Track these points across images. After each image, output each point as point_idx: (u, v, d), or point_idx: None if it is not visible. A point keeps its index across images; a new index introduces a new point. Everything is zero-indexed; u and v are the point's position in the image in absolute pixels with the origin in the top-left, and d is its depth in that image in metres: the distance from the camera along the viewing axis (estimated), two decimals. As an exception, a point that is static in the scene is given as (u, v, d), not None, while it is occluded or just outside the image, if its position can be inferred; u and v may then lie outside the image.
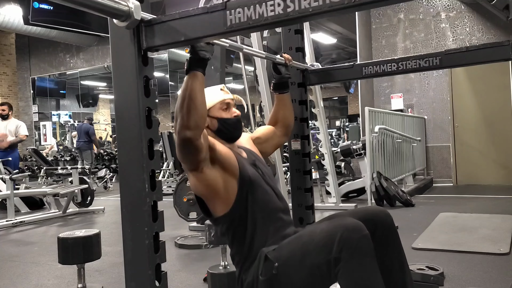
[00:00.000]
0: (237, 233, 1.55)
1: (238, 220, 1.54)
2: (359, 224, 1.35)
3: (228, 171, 1.52)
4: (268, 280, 1.44)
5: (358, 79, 6.83)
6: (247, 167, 1.58)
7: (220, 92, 1.65)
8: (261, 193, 1.57)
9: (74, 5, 1.03)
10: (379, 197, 4.96)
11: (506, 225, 3.73)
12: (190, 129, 1.34)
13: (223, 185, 1.51)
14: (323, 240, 1.35)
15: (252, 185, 1.55)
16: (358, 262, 1.30)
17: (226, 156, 1.53)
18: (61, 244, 2.08)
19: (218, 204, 1.54)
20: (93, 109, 15.89)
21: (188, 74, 1.33)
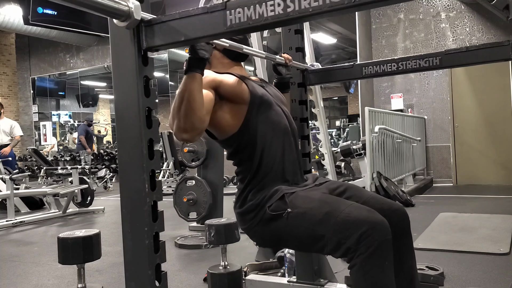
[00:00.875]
0: (245, 153, 1.55)
1: (247, 139, 1.54)
2: (386, 225, 1.32)
3: (237, 98, 1.53)
4: (273, 216, 1.45)
5: (358, 79, 6.83)
6: (257, 88, 1.59)
7: None
8: (272, 114, 1.58)
9: (74, 5, 1.03)
10: (379, 197, 4.95)
11: (506, 225, 3.73)
12: (187, 131, 1.35)
13: (230, 115, 1.52)
14: (347, 224, 1.33)
15: (263, 105, 1.56)
16: (376, 263, 1.28)
17: (234, 85, 1.54)
18: (61, 244, 2.08)
19: (225, 129, 1.55)
20: (93, 109, 15.88)
21: (187, 75, 1.33)
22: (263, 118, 1.55)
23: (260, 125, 1.54)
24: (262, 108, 1.55)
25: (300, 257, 2.11)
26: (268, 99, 1.60)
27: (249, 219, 1.53)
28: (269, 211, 1.46)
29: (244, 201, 1.55)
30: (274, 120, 1.58)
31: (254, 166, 1.54)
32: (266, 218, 1.47)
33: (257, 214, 1.50)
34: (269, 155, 1.54)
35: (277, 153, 1.56)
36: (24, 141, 12.36)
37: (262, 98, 1.56)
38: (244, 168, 1.57)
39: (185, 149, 4.25)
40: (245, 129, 1.53)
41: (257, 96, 1.55)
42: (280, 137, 1.58)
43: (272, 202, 1.47)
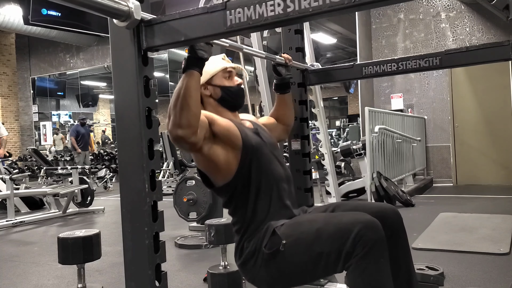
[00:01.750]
0: (240, 201, 1.54)
1: (241, 187, 1.53)
2: (378, 224, 1.33)
3: (230, 143, 1.52)
4: (272, 255, 1.43)
5: (358, 79, 6.83)
6: (250, 135, 1.57)
7: (222, 61, 1.65)
8: (264, 161, 1.56)
9: (74, 5, 1.03)
10: (379, 197, 4.96)
11: (506, 225, 3.73)
12: (182, 127, 1.33)
13: (224, 157, 1.51)
14: (339, 231, 1.33)
15: (255, 153, 1.55)
16: (371, 261, 1.29)
17: (227, 128, 1.52)
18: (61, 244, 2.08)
19: (220, 174, 1.53)
20: (93, 109, 15.89)
21: (185, 73, 1.33)
22: (256, 166, 1.54)
23: (254, 173, 1.53)
24: (255, 156, 1.54)
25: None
26: (261, 147, 1.58)
27: (250, 267, 1.51)
28: (266, 250, 1.45)
29: (242, 251, 1.54)
30: (268, 168, 1.57)
31: (248, 216, 1.53)
32: (266, 259, 1.45)
33: (257, 259, 1.48)
34: (263, 204, 1.53)
35: (272, 202, 1.54)
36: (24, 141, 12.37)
37: (254, 147, 1.55)
38: (239, 218, 1.56)
39: (185, 149, 4.24)
40: (239, 177, 1.52)
41: (249, 144, 1.54)
42: (274, 185, 1.56)
43: (266, 242, 1.46)
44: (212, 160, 1.50)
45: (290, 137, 2.19)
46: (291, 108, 1.97)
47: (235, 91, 1.64)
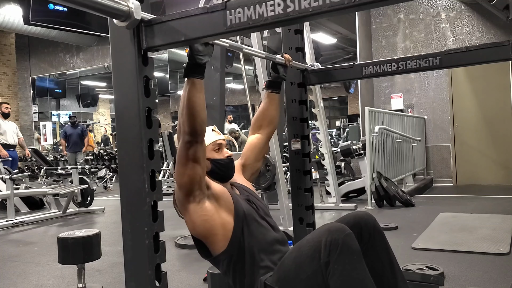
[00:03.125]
0: (238, 269, 1.56)
1: (237, 255, 1.55)
2: (341, 225, 1.38)
3: (224, 207, 1.54)
4: None
5: (358, 79, 6.83)
6: (241, 202, 1.60)
7: (212, 133, 1.67)
8: (257, 227, 1.59)
9: (74, 5, 1.03)
10: (379, 197, 4.96)
11: (506, 225, 3.73)
12: (191, 135, 1.38)
13: (219, 221, 1.53)
14: (311, 249, 1.37)
15: (247, 220, 1.57)
16: (345, 260, 1.31)
17: (220, 193, 1.56)
18: (61, 244, 2.08)
19: (216, 241, 1.54)
20: (93, 109, 15.89)
21: (186, 80, 1.35)
22: (248, 232, 1.56)
23: (247, 239, 1.55)
24: (247, 222, 1.56)
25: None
26: (252, 213, 1.60)
27: None
28: None
29: None
30: (260, 233, 1.59)
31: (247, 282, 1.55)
32: None
33: None
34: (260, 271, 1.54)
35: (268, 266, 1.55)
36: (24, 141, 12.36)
37: (245, 213, 1.57)
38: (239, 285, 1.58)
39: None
40: (234, 244, 1.54)
41: (240, 210, 1.56)
42: (268, 248, 1.58)
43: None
44: (208, 220, 1.51)
45: (290, 137, 2.19)
46: (278, 109, 1.97)
47: (225, 164, 1.66)
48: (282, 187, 4.02)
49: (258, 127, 1.93)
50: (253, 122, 1.97)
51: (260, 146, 1.90)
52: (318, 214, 4.65)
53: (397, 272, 1.57)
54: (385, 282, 1.52)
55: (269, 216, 1.71)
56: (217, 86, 4.04)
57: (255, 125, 1.94)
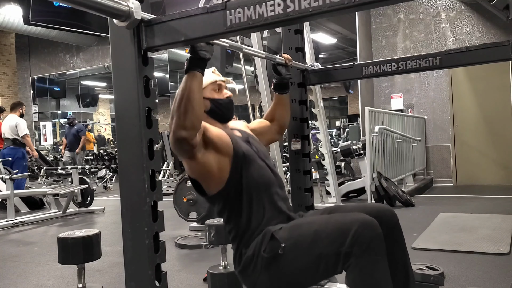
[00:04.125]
0: (233, 209, 1.55)
1: (234, 195, 1.54)
2: (375, 222, 1.34)
3: (221, 151, 1.53)
4: (271, 258, 1.44)
5: (358, 79, 6.83)
6: (240, 144, 1.59)
7: (212, 74, 1.66)
8: (255, 168, 1.58)
9: (74, 5, 1.03)
10: (379, 197, 4.96)
11: (506, 225, 3.73)
12: (186, 129, 1.34)
13: (216, 166, 1.51)
14: (337, 232, 1.34)
15: (246, 160, 1.56)
16: (369, 260, 1.30)
17: (218, 137, 1.54)
18: (61, 244, 2.08)
19: (212, 182, 1.54)
20: (93, 109, 15.90)
21: (187, 74, 1.34)
22: (247, 173, 1.55)
23: (245, 180, 1.54)
24: (245, 163, 1.55)
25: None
26: (251, 155, 1.59)
27: (250, 272, 1.51)
28: (265, 255, 1.45)
29: (240, 258, 1.54)
30: (259, 175, 1.58)
31: (243, 223, 1.53)
32: (265, 264, 1.45)
33: (256, 264, 1.48)
34: (257, 211, 1.53)
35: (265, 208, 1.55)
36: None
37: (244, 154, 1.56)
38: (234, 226, 1.56)
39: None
40: (231, 184, 1.53)
41: (240, 152, 1.55)
42: (266, 191, 1.58)
43: (265, 246, 1.46)
44: (205, 167, 1.50)
45: (290, 137, 2.19)
46: (288, 109, 1.97)
47: (224, 104, 1.65)
48: (282, 187, 4.02)
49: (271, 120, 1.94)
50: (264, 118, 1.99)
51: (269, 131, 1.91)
52: (318, 214, 4.65)
53: (410, 273, 1.56)
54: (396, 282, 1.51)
55: (268, 159, 1.70)
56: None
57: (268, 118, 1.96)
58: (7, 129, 6.34)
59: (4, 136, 6.37)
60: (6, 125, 6.37)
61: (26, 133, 6.42)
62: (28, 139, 6.50)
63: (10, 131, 6.33)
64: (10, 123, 6.36)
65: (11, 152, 6.39)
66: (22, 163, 6.47)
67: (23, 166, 6.48)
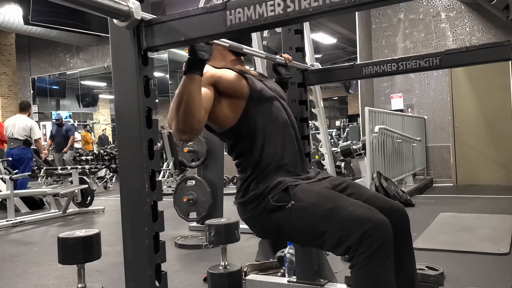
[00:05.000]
0: (246, 143, 1.56)
1: (247, 130, 1.55)
2: (388, 226, 1.32)
3: (236, 95, 1.54)
4: (276, 208, 1.46)
5: (358, 79, 6.83)
6: (256, 83, 1.60)
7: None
8: (271, 107, 1.59)
9: (74, 5, 1.03)
10: (379, 197, 4.95)
11: (506, 225, 3.73)
12: (186, 133, 1.36)
13: (230, 108, 1.53)
14: (350, 222, 1.33)
15: (261, 98, 1.57)
16: (377, 263, 1.29)
17: (233, 82, 1.54)
18: (61, 244, 2.08)
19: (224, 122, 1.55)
20: (93, 109, 15.90)
21: (186, 76, 1.33)
22: (261, 111, 1.56)
23: (259, 117, 1.55)
24: (261, 102, 1.56)
25: (300, 256, 2.11)
26: (267, 93, 1.60)
27: (251, 208, 1.53)
28: (272, 201, 1.46)
29: (246, 191, 1.55)
30: (273, 113, 1.59)
31: (255, 157, 1.54)
32: (268, 209, 1.47)
33: (259, 204, 1.50)
34: (270, 147, 1.55)
35: (278, 145, 1.56)
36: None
37: (260, 92, 1.57)
38: (245, 159, 1.57)
39: (185, 149, 4.25)
40: (244, 121, 1.54)
41: (256, 91, 1.56)
42: (280, 130, 1.59)
43: (275, 193, 1.47)
44: (216, 114, 1.52)
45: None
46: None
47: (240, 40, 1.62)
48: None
49: None
50: None
51: None
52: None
53: (414, 276, 1.55)
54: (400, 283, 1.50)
55: (283, 99, 1.71)
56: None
57: None
58: (19, 130, 6.35)
59: (13, 136, 6.36)
60: (17, 125, 6.36)
61: (40, 136, 6.49)
62: (40, 143, 6.55)
63: (22, 131, 6.35)
64: (22, 124, 6.38)
65: (22, 152, 6.44)
66: (30, 164, 6.56)
67: (30, 166, 6.52)
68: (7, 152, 6.49)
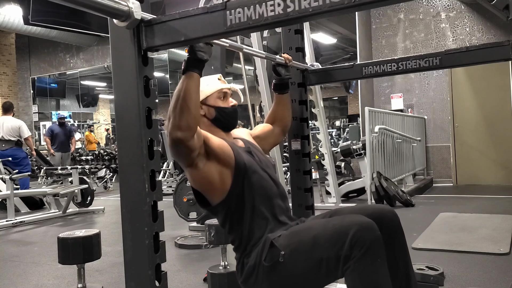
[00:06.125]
0: (236, 219, 1.54)
1: (235, 206, 1.53)
2: (373, 224, 1.34)
3: (223, 161, 1.52)
4: (272, 267, 1.43)
5: (358, 79, 6.83)
6: (242, 154, 1.58)
7: (218, 82, 1.66)
8: (257, 179, 1.57)
9: (74, 5, 1.03)
10: (379, 197, 4.96)
11: (506, 225, 3.73)
12: (182, 129, 1.34)
13: (218, 176, 1.51)
14: (336, 235, 1.34)
15: (247, 171, 1.55)
16: (368, 262, 1.29)
17: (220, 147, 1.53)
18: (61, 244, 2.08)
19: (215, 193, 1.54)
20: (93, 109, 15.90)
21: (185, 74, 1.33)
22: (248, 184, 1.54)
23: (247, 191, 1.54)
24: (247, 174, 1.55)
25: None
26: (253, 166, 1.58)
27: (252, 282, 1.50)
28: (266, 263, 1.45)
29: (243, 268, 1.54)
30: (260, 186, 1.57)
31: (245, 234, 1.53)
32: (267, 273, 1.45)
33: (258, 274, 1.48)
34: (259, 223, 1.53)
35: (268, 220, 1.54)
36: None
37: (246, 165, 1.55)
38: (236, 236, 1.56)
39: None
40: (233, 195, 1.53)
41: (241, 162, 1.54)
42: (268, 201, 1.57)
43: (265, 255, 1.46)
44: (207, 177, 1.50)
45: (290, 137, 2.19)
46: (289, 108, 1.97)
47: (229, 112, 1.65)
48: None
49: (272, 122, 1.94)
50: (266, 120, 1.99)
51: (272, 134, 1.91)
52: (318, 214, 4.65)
53: (411, 274, 1.55)
54: (397, 283, 1.50)
55: (270, 169, 1.69)
56: (217, 86, 4.03)
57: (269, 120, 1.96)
58: (8, 131, 6.32)
59: (3, 138, 6.33)
60: (5, 127, 6.33)
61: (30, 134, 6.51)
62: (30, 140, 6.55)
63: (12, 132, 6.33)
64: (10, 124, 6.34)
65: (16, 153, 6.43)
66: (27, 162, 6.59)
67: (29, 164, 6.56)
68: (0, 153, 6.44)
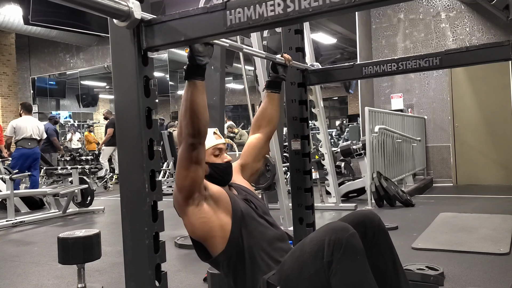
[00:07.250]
0: (238, 270, 1.56)
1: (236, 256, 1.55)
2: (345, 224, 1.38)
3: (221, 208, 1.55)
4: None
5: (358, 79, 6.83)
6: (238, 202, 1.60)
7: (213, 137, 1.67)
8: (255, 226, 1.59)
9: (74, 5, 1.03)
10: (379, 197, 4.96)
11: (506, 225, 3.73)
12: (195, 136, 1.38)
13: (217, 223, 1.53)
14: (315, 248, 1.37)
15: (245, 219, 1.57)
16: (348, 260, 1.31)
17: (218, 194, 1.57)
18: (61, 244, 2.08)
19: (215, 243, 1.55)
20: (93, 109, 15.90)
21: (187, 82, 1.35)
22: (247, 231, 1.56)
23: (246, 239, 1.55)
24: (245, 221, 1.56)
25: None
26: (250, 213, 1.60)
27: None
28: None
29: None
30: (259, 231, 1.59)
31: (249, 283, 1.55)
32: None
33: None
34: (260, 270, 1.54)
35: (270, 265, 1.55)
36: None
37: (243, 212, 1.57)
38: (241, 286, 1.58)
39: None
40: (232, 244, 1.54)
41: (238, 210, 1.56)
42: (269, 247, 1.58)
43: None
44: (207, 222, 1.52)
45: (290, 137, 2.19)
46: (278, 110, 1.97)
47: (223, 169, 1.66)
48: (282, 187, 4.02)
49: (258, 127, 1.94)
50: (253, 122, 1.98)
51: (259, 146, 1.90)
52: (318, 214, 4.65)
53: (400, 272, 1.57)
54: (388, 282, 1.52)
55: (268, 215, 1.70)
56: (217, 86, 4.04)
57: (255, 125, 1.95)
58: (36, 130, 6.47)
59: (31, 137, 6.42)
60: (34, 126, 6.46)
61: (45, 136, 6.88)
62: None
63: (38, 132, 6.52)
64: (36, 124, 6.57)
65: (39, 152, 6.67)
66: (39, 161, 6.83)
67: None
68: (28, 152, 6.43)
